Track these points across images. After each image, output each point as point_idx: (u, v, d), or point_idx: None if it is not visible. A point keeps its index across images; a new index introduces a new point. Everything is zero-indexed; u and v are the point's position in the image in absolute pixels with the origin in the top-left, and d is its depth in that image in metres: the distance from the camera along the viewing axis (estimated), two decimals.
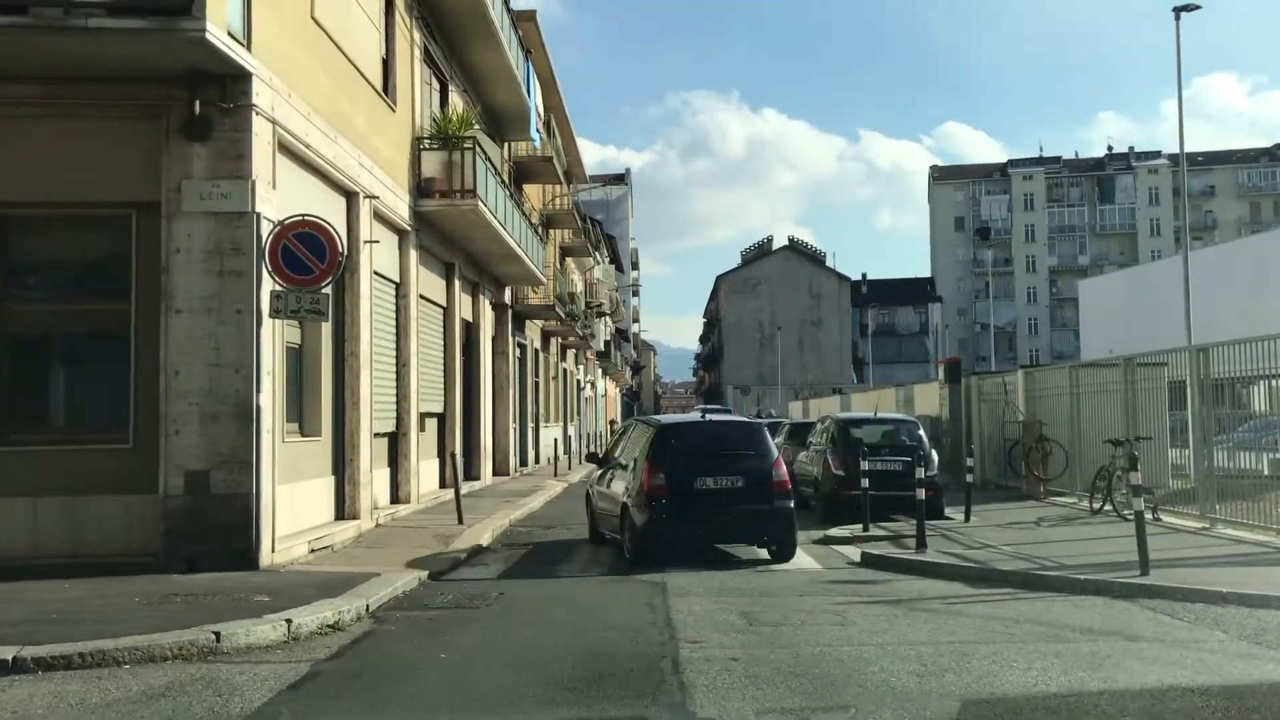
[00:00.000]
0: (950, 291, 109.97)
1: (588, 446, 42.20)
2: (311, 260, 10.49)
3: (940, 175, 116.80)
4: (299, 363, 12.92)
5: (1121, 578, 9.40)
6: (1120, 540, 12.36)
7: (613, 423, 73.40)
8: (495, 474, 25.38)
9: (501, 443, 25.83)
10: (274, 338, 10.92)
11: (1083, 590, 9.23)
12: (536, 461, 31.10)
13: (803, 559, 12.20)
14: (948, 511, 15.73)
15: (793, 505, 12.19)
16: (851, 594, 9.51)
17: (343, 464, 13.70)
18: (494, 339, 25.77)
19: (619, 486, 12.55)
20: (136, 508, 10.30)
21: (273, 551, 10.67)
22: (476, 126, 19.33)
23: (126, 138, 10.51)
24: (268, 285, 10.52)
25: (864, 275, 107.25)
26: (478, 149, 17.28)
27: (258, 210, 10.42)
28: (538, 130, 25.90)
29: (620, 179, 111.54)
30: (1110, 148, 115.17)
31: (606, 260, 61.80)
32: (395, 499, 16.27)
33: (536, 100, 25.65)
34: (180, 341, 10.29)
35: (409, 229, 16.54)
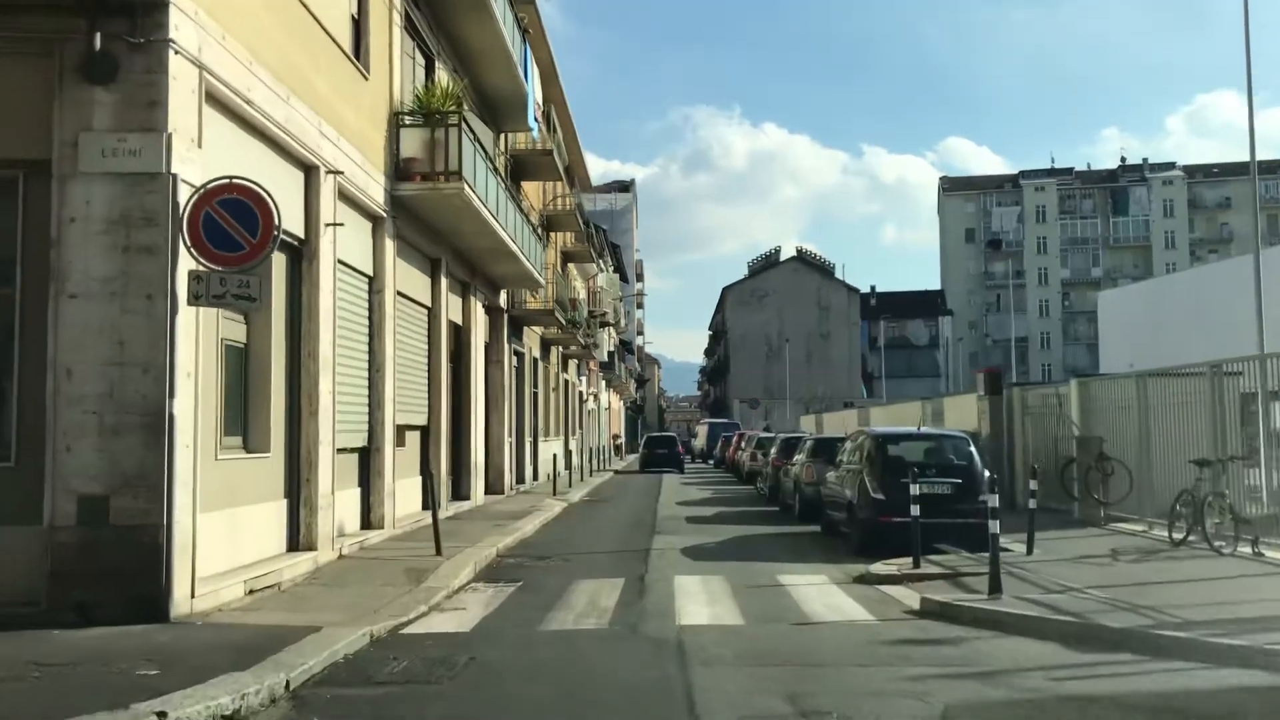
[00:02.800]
0: (961, 304, 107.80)
1: (590, 462, 39.96)
2: (241, 234, 8.40)
3: (950, 186, 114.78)
4: (243, 365, 10.84)
5: None
6: (1238, 583, 10.23)
7: (615, 437, 71.24)
8: (489, 492, 23.25)
9: (495, 459, 23.71)
10: (197, 331, 8.82)
11: (1234, 660, 7.05)
12: (535, 478, 28.96)
13: (846, 604, 10.07)
14: (1003, 541, 13.63)
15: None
16: (924, 661, 7.36)
17: (298, 485, 11.58)
18: (487, 346, 23.68)
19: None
20: (15, 542, 8.17)
21: (192, 597, 8.54)
22: (466, 109, 17.29)
23: (9, 80, 8.44)
24: (186, 265, 8.43)
25: (873, 288, 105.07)
26: (464, 126, 15.23)
27: (174, 171, 8.34)
28: (536, 119, 23.86)
29: (625, 188, 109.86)
30: (1123, 159, 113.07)
31: (610, 269, 59.78)
32: (366, 524, 14.15)
33: (535, 87, 23.62)
34: (74, 334, 8.20)
35: (384, 215, 14.46)
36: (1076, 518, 16.61)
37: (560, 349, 35.47)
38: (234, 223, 8.35)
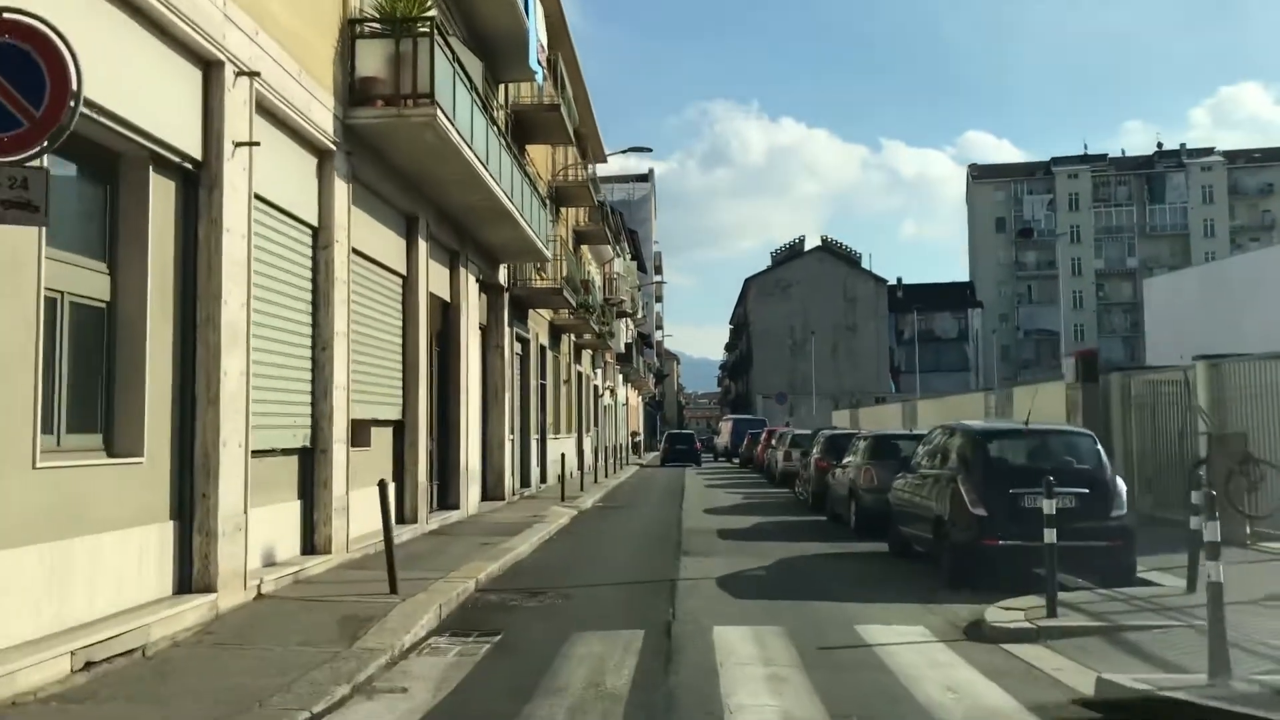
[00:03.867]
0: (990, 296, 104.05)
1: (607, 461, 36.71)
2: (15, 102, 5.16)
3: (979, 174, 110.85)
4: (102, 331, 7.62)
5: None
6: None
7: (634, 434, 67.78)
8: (487, 498, 20.04)
9: (494, 460, 20.47)
10: None
11: None
12: (544, 481, 25.70)
13: (977, 684, 6.75)
14: (1146, 572, 10.33)
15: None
16: None
17: (190, 500, 8.34)
18: (485, 330, 20.44)
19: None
20: None
21: None
22: (449, 33, 14.02)
23: None
24: None
25: (899, 279, 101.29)
26: (439, 38, 11.95)
27: None
28: (539, 64, 20.54)
29: (644, 178, 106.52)
30: (1160, 144, 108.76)
31: (628, 256, 56.49)
32: (310, 548, 10.92)
33: (538, 26, 20.33)
34: None
35: (334, 147, 11.20)
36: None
37: (572, 338, 32.17)
38: (3, 83, 5.11)
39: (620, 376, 55.51)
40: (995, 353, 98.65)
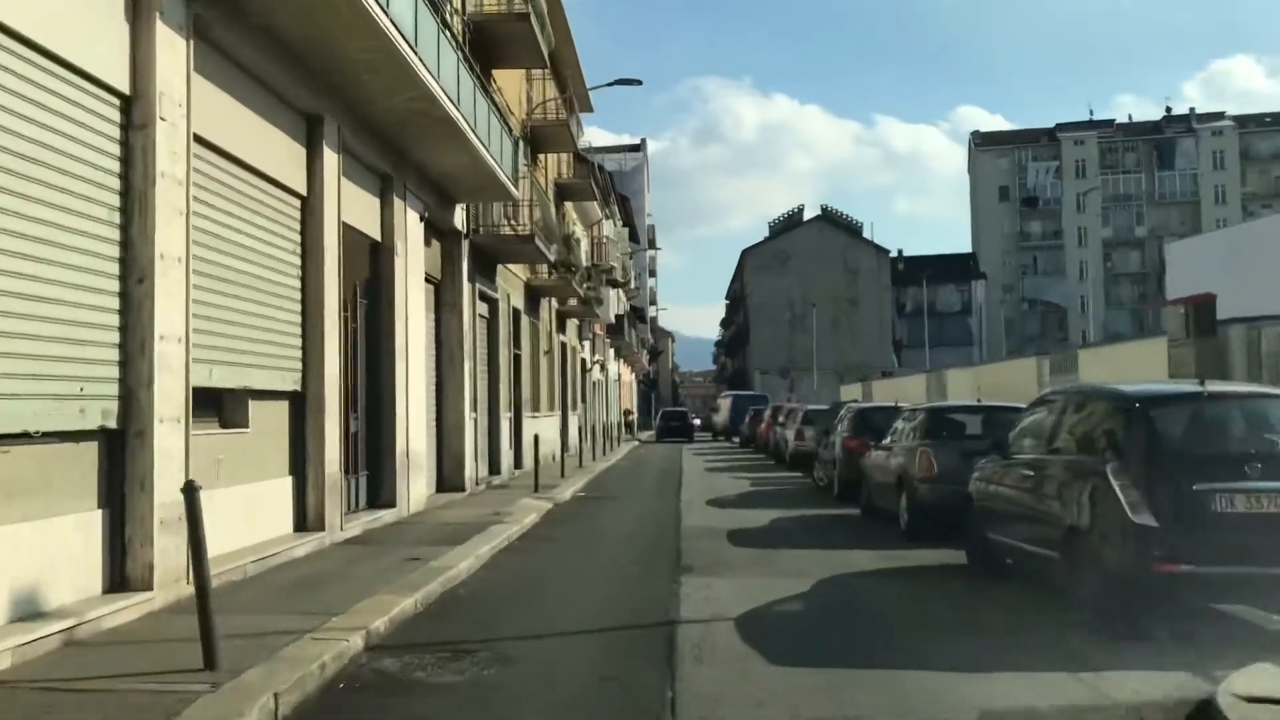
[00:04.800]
0: (994, 267, 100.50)
1: (596, 442, 32.98)
2: None
3: (982, 142, 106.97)
4: None
5: None
6: None
7: (627, 412, 63.92)
8: (445, 489, 16.38)
9: (451, 444, 16.74)
10: None
11: None
12: (518, 467, 21.97)
13: None
14: None
15: None
16: None
17: None
18: (438, 285, 16.71)
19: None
20: None
21: None
22: None
23: None
24: None
25: (900, 251, 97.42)
26: None
27: None
28: None
29: (635, 148, 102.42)
30: (1169, 109, 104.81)
31: (619, 221, 52.56)
32: (118, 582, 7.18)
33: None
34: None
35: None
36: None
37: (554, 303, 28.33)
38: None
39: (612, 351, 51.75)
40: (1001, 326, 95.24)
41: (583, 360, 37.42)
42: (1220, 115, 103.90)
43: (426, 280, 15.47)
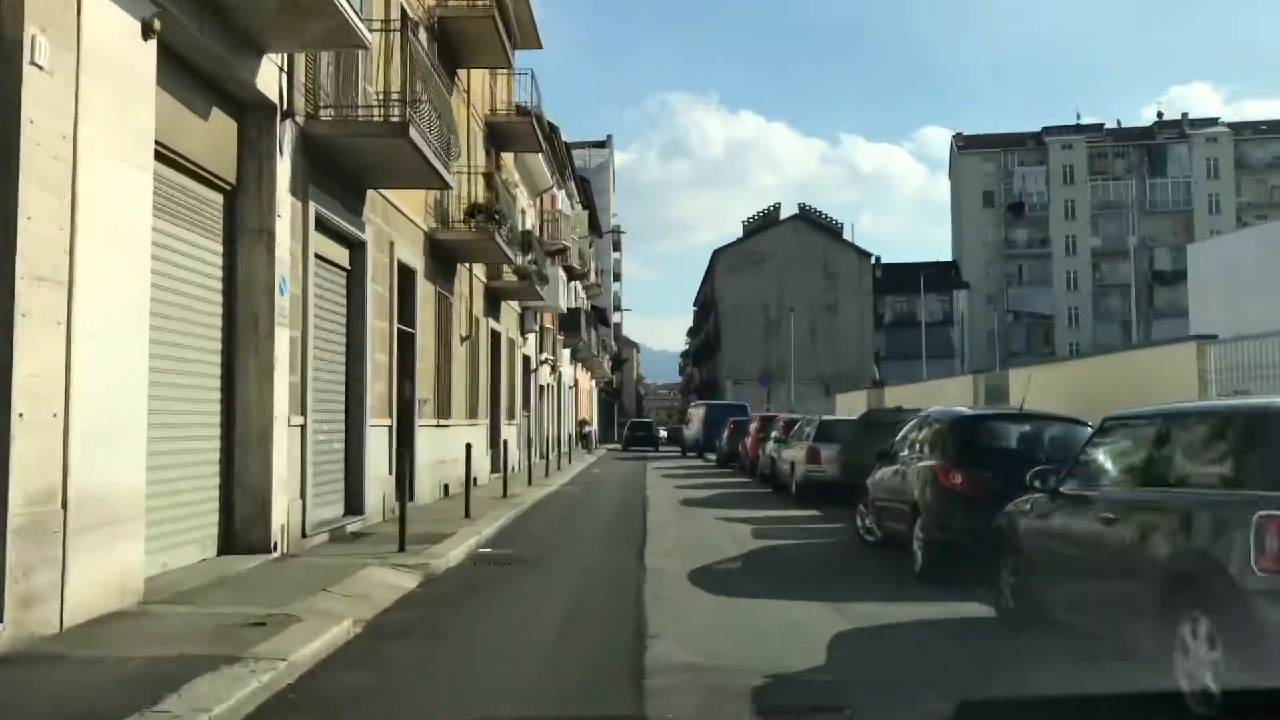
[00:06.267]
0: (978, 276, 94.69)
1: (540, 457, 25.83)
2: None
3: (966, 145, 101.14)
4: None
5: None
6: None
7: (583, 423, 56.46)
8: (234, 550, 9.19)
9: (248, 466, 9.54)
10: None
11: None
12: (405, 498, 14.71)
13: None
14: None
15: None
16: None
17: None
18: (229, 191, 9.56)
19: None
20: None
21: None
22: None
23: None
24: None
25: (878, 258, 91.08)
26: None
27: None
28: None
29: (601, 145, 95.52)
30: (1160, 114, 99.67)
31: (577, 202, 45.50)
32: None
33: None
34: None
35: None
36: None
37: (474, 271, 21.09)
38: None
39: (567, 353, 44.49)
40: (982, 338, 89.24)
41: (526, 358, 30.20)
42: (1214, 121, 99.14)
43: (168, 159, 8.30)
